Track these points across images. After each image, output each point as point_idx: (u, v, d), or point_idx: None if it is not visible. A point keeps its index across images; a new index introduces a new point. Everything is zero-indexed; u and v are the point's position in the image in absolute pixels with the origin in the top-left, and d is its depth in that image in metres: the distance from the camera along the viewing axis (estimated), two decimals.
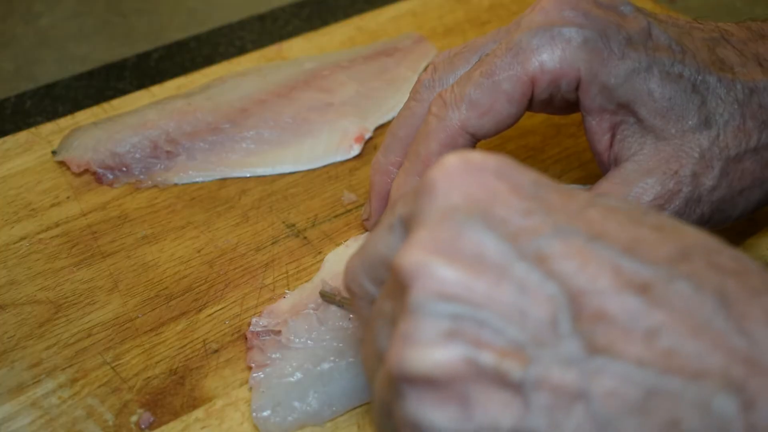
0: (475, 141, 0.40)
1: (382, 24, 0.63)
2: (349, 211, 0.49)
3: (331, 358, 0.40)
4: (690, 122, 0.38)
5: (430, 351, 0.25)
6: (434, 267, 0.25)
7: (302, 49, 0.61)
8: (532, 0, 0.64)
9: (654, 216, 0.27)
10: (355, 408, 0.39)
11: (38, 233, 0.48)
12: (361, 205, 0.49)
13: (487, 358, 0.24)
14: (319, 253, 0.47)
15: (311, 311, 0.42)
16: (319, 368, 0.40)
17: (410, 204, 0.28)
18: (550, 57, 0.38)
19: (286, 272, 0.46)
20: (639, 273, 0.25)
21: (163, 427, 0.39)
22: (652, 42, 0.39)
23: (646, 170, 0.38)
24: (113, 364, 0.41)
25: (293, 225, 0.48)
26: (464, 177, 0.27)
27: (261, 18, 0.67)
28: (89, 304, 0.44)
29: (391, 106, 0.56)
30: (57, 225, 0.48)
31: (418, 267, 0.26)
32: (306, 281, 0.45)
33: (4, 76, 0.68)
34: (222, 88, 0.56)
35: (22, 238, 0.48)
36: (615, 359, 0.24)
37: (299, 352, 0.40)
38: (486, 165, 0.27)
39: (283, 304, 0.43)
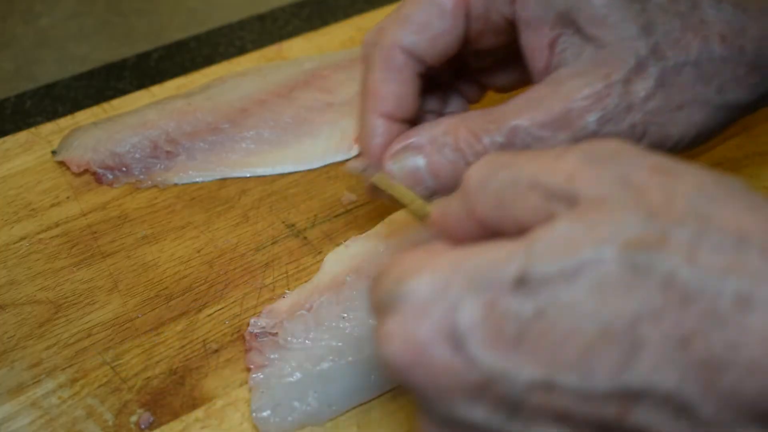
0: (419, 66, 0.39)
1: None
2: (349, 211, 0.49)
3: (330, 358, 0.40)
4: (628, 30, 0.37)
5: None
6: None
7: (302, 49, 0.61)
8: None
9: None
10: (354, 408, 0.39)
11: (38, 233, 0.48)
12: (362, 205, 0.49)
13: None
14: (319, 253, 0.47)
15: (306, 312, 0.42)
16: (318, 368, 0.40)
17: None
18: None
19: (286, 272, 0.46)
20: None
21: (163, 427, 0.39)
22: None
23: (578, 73, 0.37)
24: (113, 364, 0.41)
25: (293, 225, 0.48)
26: (419, 371, 0.26)
27: (261, 18, 0.67)
28: (89, 304, 0.44)
29: None
30: (57, 225, 0.48)
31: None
32: (306, 281, 0.45)
33: (4, 76, 0.68)
34: (222, 88, 0.56)
35: (22, 238, 0.48)
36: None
37: (298, 353, 0.40)
38: (430, 344, 0.26)
39: (283, 304, 0.43)
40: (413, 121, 0.41)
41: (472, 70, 0.44)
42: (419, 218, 0.36)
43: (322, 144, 0.53)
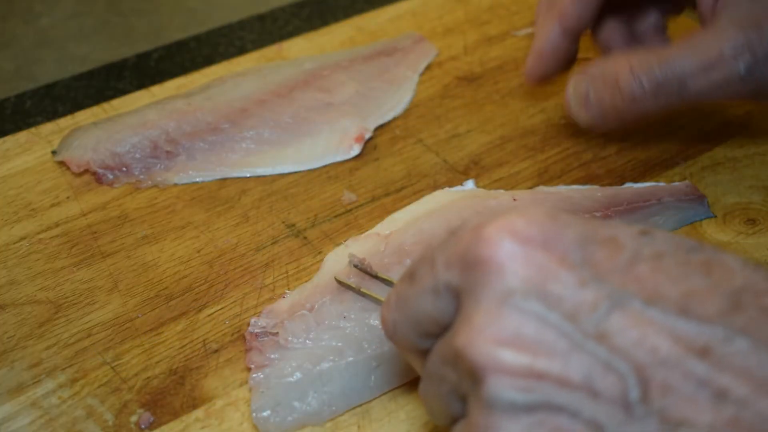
0: None
1: (382, 24, 0.63)
2: (349, 211, 0.49)
3: (330, 358, 0.40)
4: None
5: None
6: (504, 358, 0.26)
7: (302, 49, 0.61)
8: (531, 0, 0.64)
9: (699, 253, 0.28)
10: (354, 408, 0.39)
11: (38, 233, 0.48)
12: (361, 205, 0.49)
13: None
14: (319, 253, 0.47)
15: (306, 312, 0.42)
16: (318, 368, 0.40)
17: (458, 275, 0.28)
18: None
19: (286, 272, 0.46)
20: (697, 336, 0.25)
21: (163, 427, 0.39)
22: None
23: (734, 21, 0.41)
24: (113, 364, 0.41)
25: (293, 225, 0.48)
26: (514, 254, 0.27)
27: (261, 18, 0.67)
28: (89, 304, 0.44)
29: (391, 106, 0.56)
30: (57, 225, 0.48)
31: (488, 359, 0.26)
32: (306, 281, 0.45)
33: (4, 76, 0.68)
34: (222, 88, 0.56)
35: (22, 238, 0.48)
36: (690, 430, 0.24)
37: (298, 353, 0.40)
38: (531, 236, 0.27)
39: (283, 304, 0.43)
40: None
41: None
42: None
43: (322, 144, 0.53)
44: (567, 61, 0.50)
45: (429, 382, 0.30)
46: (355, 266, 0.43)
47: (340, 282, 0.42)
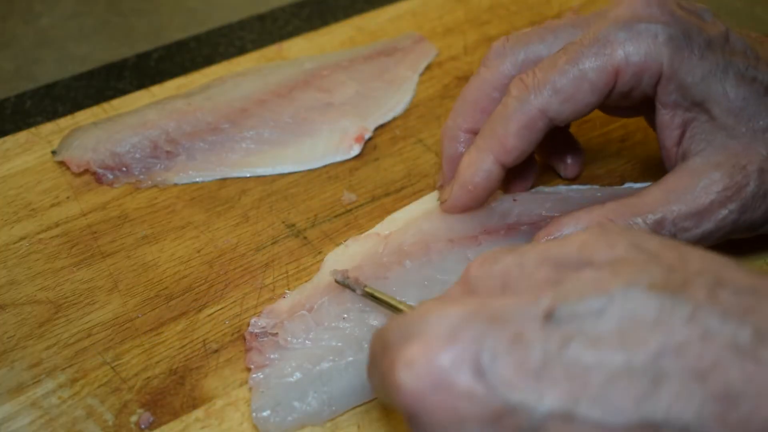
0: (551, 126, 0.42)
1: (382, 24, 0.63)
2: (349, 211, 0.49)
3: (330, 358, 0.40)
4: (760, 122, 0.40)
5: None
6: None
7: (302, 49, 0.61)
8: (531, 0, 0.64)
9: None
10: (354, 408, 0.39)
11: (38, 233, 0.48)
12: (361, 205, 0.49)
13: None
14: (319, 253, 0.47)
15: (306, 312, 0.42)
16: (318, 368, 0.40)
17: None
18: (636, 50, 0.39)
19: (286, 272, 0.46)
20: None
21: (163, 427, 0.39)
22: (729, 46, 0.40)
23: (715, 164, 0.40)
24: (113, 364, 0.41)
25: (293, 225, 0.48)
26: (435, 405, 0.26)
27: (261, 18, 0.67)
28: (89, 304, 0.44)
29: (391, 106, 0.56)
30: (57, 225, 0.48)
31: None
32: (306, 281, 0.45)
33: (4, 76, 0.68)
34: (222, 88, 0.56)
35: (22, 238, 0.48)
36: None
37: (298, 353, 0.40)
38: (448, 380, 0.26)
39: (283, 304, 0.43)
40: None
41: None
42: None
43: (322, 144, 0.53)
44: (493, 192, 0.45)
45: None
46: (338, 282, 0.42)
47: (339, 283, 0.42)
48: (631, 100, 0.42)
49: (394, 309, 0.39)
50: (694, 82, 0.40)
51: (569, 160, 0.50)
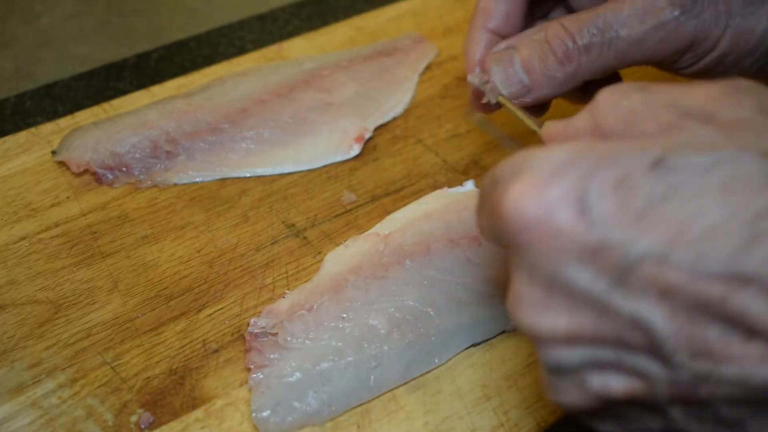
0: None
1: (382, 24, 0.63)
2: (349, 211, 0.49)
3: (330, 358, 0.40)
4: None
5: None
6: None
7: (302, 49, 0.61)
8: None
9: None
10: (354, 408, 0.39)
11: (38, 233, 0.48)
12: (361, 205, 0.49)
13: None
14: (319, 253, 0.47)
15: (305, 312, 0.42)
16: (318, 368, 0.40)
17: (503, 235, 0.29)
18: None
19: (286, 272, 0.46)
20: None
21: (163, 427, 0.39)
22: None
23: None
24: (113, 364, 0.41)
25: (293, 225, 0.48)
26: (543, 230, 0.28)
27: (261, 18, 0.67)
28: (89, 304, 0.44)
29: (391, 106, 0.56)
30: (57, 225, 0.48)
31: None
32: (306, 281, 0.45)
33: (4, 76, 0.68)
34: (222, 88, 0.56)
35: (22, 238, 0.48)
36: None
37: (298, 353, 0.40)
38: (555, 202, 0.27)
39: (283, 305, 0.43)
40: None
41: None
42: (534, 131, 0.39)
43: (322, 144, 0.53)
44: None
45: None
46: (474, 83, 0.43)
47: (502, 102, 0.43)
48: None
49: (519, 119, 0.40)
50: None
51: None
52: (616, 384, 0.27)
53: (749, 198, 0.25)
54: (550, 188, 0.27)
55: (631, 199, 0.26)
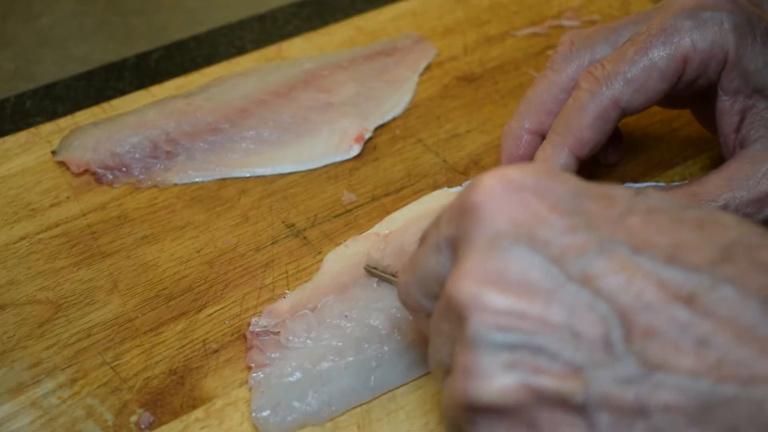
0: (623, 116, 0.42)
1: (382, 24, 0.63)
2: (349, 211, 0.49)
3: (331, 357, 0.40)
4: None
5: (492, 382, 0.26)
6: (487, 298, 0.26)
7: (302, 49, 0.61)
8: (531, 0, 0.64)
9: (694, 210, 0.28)
10: (354, 408, 0.39)
11: (38, 233, 0.48)
12: (361, 205, 0.49)
13: (548, 383, 0.25)
14: (319, 253, 0.47)
15: (307, 312, 0.42)
16: (318, 368, 0.40)
17: (455, 225, 0.29)
18: (702, 38, 0.40)
19: (286, 272, 0.46)
20: (683, 283, 0.25)
21: (163, 427, 0.39)
22: None
23: None
24: (113, 364, 0.41)
25: (293, 225, 0.48)
26: (506, 199, 0.28)
27: (261, 18, 0.67)
28: (89, 304, 0.44)
29: (391, 106, 0.56)
30: (57, 225, 0.48)
31: (472, 299, 0.26)
32: (306, 281, 0.45)
33: (4, 76, 0.68)
34: (222, 88, 0.56)
35: (22, 238, 0.48)
36: (670, 373, 0.24)
37: (298, 352, 0.40)
38: (525, 183, 0.28)
39: (283, 304, 0.43)
40: None
41: None
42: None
43: (322, 144, 0.53)
44: None
45: (431, 341, 0.31)
46: (370, 269, 0.43)
47: (369, 271, 0.43)
48: (695, 87, 0.42)
49: None
50: (756, 69, 0.41)
51: (610, 147, 0.50)
52: (550, 376, 0.25)
53: None
54: (526, 171, 0.28)
55: (612, 204, 0.27)
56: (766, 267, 0.26)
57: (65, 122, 0.55)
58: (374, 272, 0.43)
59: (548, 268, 0.26)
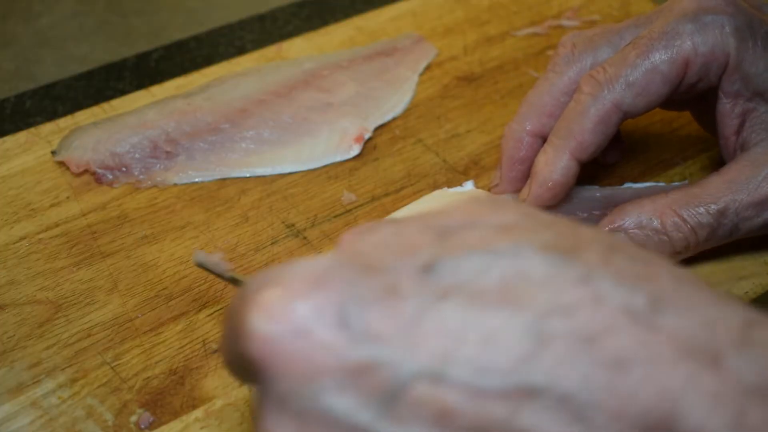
0: (624, 119, 0.42)
1: (382, 24, 0.63)
2: (349, 211, 0.49)
3: None
4: None
5: None
6: None
7: (302, 49, 0.61)
8: (531, 0, 0.65)
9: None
10: None
11: (38, 233, 0.48)
12: (361, 205, 0.49)
13: None
14: (319, 253, 0.47)
15: None
16: None
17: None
18: (704, 41, 0.40)
19: None
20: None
21: (163, 427, 0.39)
22: None
23: None
24: (113, 364, 0.41)
25: (293, 225, 0.48)
26: (289, 353, 0.23)
27: (261, 18, 0.67)
28: (89, 304, 0.44)
29: (390, 106, 0.56)
30: (57, 225, 0.48)
31: None
32: None
33: (4, 76, 0.68)
34: (221, 89, 0.56)
35: (22, 238, 0.48)
36: None
37: None
38: (306, 320, 0.23)
39: None
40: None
41: None
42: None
43: (322, 144, 0.53)
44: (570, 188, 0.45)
45: None
46: (200, 265, 0.38)
47: (200, 266, 0.38)
48: (695, 90, 0.42)
49: None
50: (757, 73, 0.41)
51: (610, 147, 0.49)
52: None
53: (531, 297, 0.23)
54: (305, 298, 0.23)
55: (399, 309, 0.23)
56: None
57: (65, 122, 0.55)
58: (205, 267, 0.38)
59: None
